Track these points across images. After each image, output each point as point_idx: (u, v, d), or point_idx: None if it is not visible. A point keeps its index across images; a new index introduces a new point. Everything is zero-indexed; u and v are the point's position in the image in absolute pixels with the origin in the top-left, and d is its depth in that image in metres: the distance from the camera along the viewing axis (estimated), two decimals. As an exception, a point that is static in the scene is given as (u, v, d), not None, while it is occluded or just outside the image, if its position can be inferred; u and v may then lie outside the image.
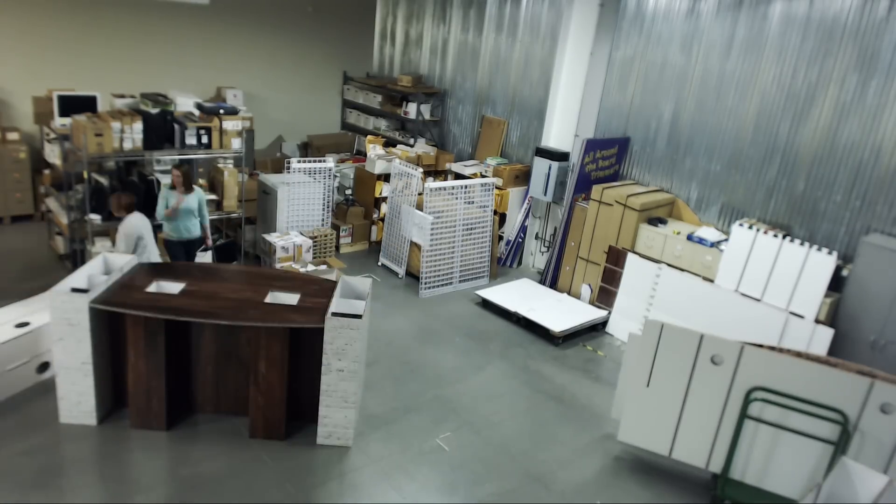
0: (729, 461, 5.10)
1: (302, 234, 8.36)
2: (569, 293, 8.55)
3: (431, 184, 8.51)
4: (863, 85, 6.43)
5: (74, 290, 5.13)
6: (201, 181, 7.98)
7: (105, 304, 5.04)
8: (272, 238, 8.00)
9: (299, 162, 8.94)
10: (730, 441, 5.09)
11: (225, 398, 5.62)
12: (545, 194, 9.00)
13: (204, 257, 7.91)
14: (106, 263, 5.80)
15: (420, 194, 8.63)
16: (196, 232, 6.97)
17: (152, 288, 5.43)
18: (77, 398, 5.21)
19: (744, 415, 4.98)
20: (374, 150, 10.26)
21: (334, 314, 5.17)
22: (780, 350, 5.13)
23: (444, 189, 8.60)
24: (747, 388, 4.97)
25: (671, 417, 5.31)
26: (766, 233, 6.72)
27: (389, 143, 11.02)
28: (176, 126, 7.40)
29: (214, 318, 5.03)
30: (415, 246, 8.66)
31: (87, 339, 5.07)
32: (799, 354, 5.08)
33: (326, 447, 5.37)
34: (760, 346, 5.18)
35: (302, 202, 8.64)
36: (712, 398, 5.13)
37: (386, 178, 9.57)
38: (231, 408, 5.64)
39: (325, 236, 8.50)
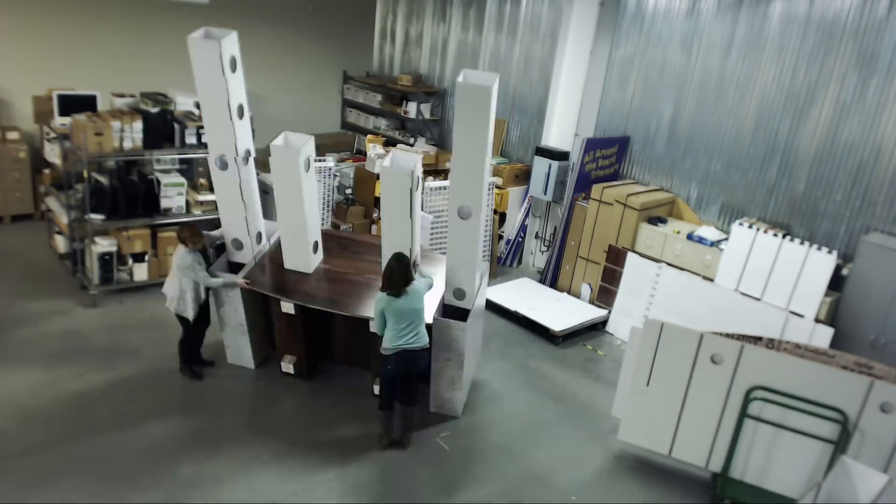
0: (729, 460, 5.10)
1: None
2: (569, 292, 8.55)
3: (431, 183, 8.50)
4: (863, 84, 6.43)
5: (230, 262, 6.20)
6: (202, 181, 7.98)
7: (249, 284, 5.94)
8: None
9: (299, 161, 8.92)
10: (729, 440, 5.09)
11: (355, 355, 6.52)
12: (545, 193, 9.00)
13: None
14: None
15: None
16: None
17: (290, 264, 6.10)
18: (239, 349, 6.32)
19: (743, 414, 4.99)
20: (374, 149, 10.24)
21: (437, 319, 5.59)
22: (779, 342, 5.14)
23: (445, 188, 8.59)
24: (747, 387, 4.97)
25: (671, 416, 5.31)
26: (766, 232, 6.72)
27: (389, 143, 11.01)
28: (176, 125, 7.40)
29: (336, 308, 5.73)
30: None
31: (240, 307, 6.06)
32: (798, 346, 5.09)
33: (436, 414, 6.03)
34: (759, 338, 5.19)
35: (302, 201, 8.63)
36: (712, 397, 5.13)
37: (386, 177, 9.55)
38: (360, 363, 6.48)
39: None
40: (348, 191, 10.00)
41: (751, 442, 5.08)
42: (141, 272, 7.54)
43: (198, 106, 8.04)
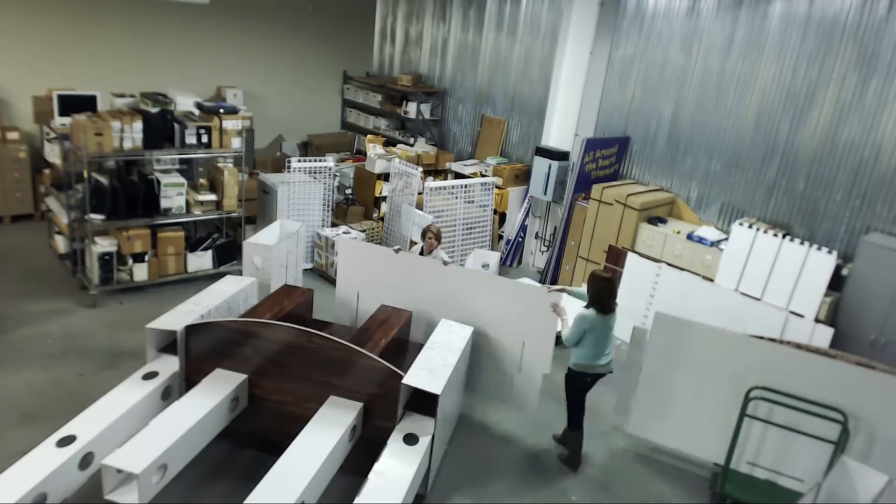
0: (729, 459, 5.09)
1: (352, 227, 8.80)
2: (569, 292, 8.54)
3: (431, 183, 8.52)
4: (863, 84, 6.43)
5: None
6: (202, 181, 7.98)
7: None
8: (326, 232, 8.32)
9: (299, 161, 8.94)
10: (731, 437, 5.09)
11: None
12: (545, 194, 9.00)
13: (203, 257, 7.92)
14: None
15: (420, 193, 8.63)
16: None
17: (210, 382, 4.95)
18: None
19: (743, 413, 4.98)
20: (374, 149, 10.26)
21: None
22: (780, 343, 5.14)
23: (444, 188, 8.61)
24: (751, 383, 4.97)
25: (682, 409, 5.32)
26: (765, 232, 6.72)
27: (389, 143, 11.02)
28: (176, 125, 7.40)
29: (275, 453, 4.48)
30: (415, 245, 8.65)
31: None
32: (799, 346, 5.10)
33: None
34: (760, 338, 5.19)
35: (302, 201, 8.64)
36: (721, 392, 5.14)
37: (386, 177, 9.57)
38: None
39: (373, 229, 8.98)
40: (348, 191, 10.02)
41: (754, 439, 5.09)
42: (141, 272, 7.54)
43: (198, 106, 8.06)
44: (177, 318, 5.19)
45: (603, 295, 5.06)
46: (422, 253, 6.31)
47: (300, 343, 4.87)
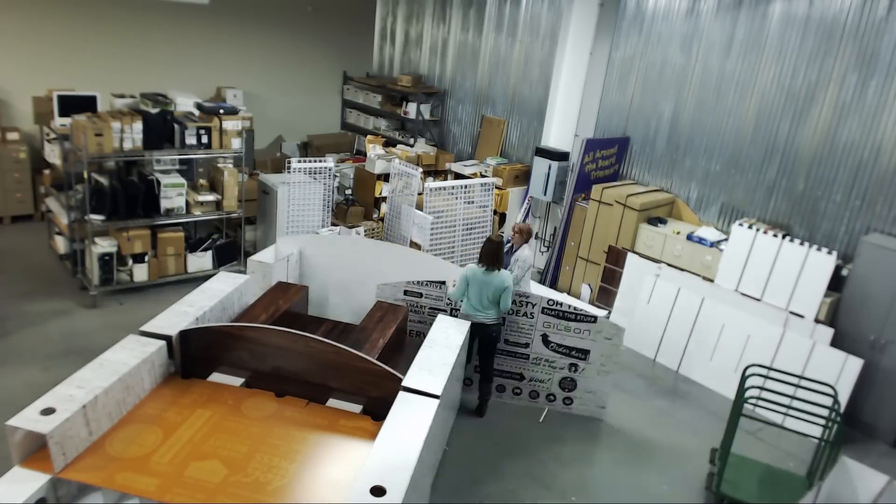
0: (727, 447, 5.08)
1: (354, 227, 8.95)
2: (569, 293, 8.54)
3: (431, 183, 8.51)
4: (862, 84, 6.43)
5: None
6: (202, 181, 7.98)
7: None
8: (325, 233, 8.35)
9: (299, 162, 8.93)
10: (727, 425, 5.09)
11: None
12: (545, 194, 9.00)
13: (203, 258, 7.93)
14: None
15: (420, 194, 8.62)
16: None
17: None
18: None
19: (741, 396, 4.96)
20: (373, 149, 10.24)
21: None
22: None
23: (444, 189, 8.60)
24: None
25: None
26: (765, 232, 6.72)
27: (389, 143, 11.01)
28: (176, 126, 7.40)
29: None
30: (415, 245, 8.65)
31: None
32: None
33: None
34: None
35: (302, 202, 8.64)
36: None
37: (386, 177, 9.56)
38: None
39: (373, 229, 9.10)
40: (348, 191, 10.01)
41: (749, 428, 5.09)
42: (141, 273, 7.54)
43: (198, 107, 8.06)
44: (171, 320, 5.16)
45: (489, 253, 5.72)
46: (511, 248, 6.70)
47: (297, 347, 4.86)
